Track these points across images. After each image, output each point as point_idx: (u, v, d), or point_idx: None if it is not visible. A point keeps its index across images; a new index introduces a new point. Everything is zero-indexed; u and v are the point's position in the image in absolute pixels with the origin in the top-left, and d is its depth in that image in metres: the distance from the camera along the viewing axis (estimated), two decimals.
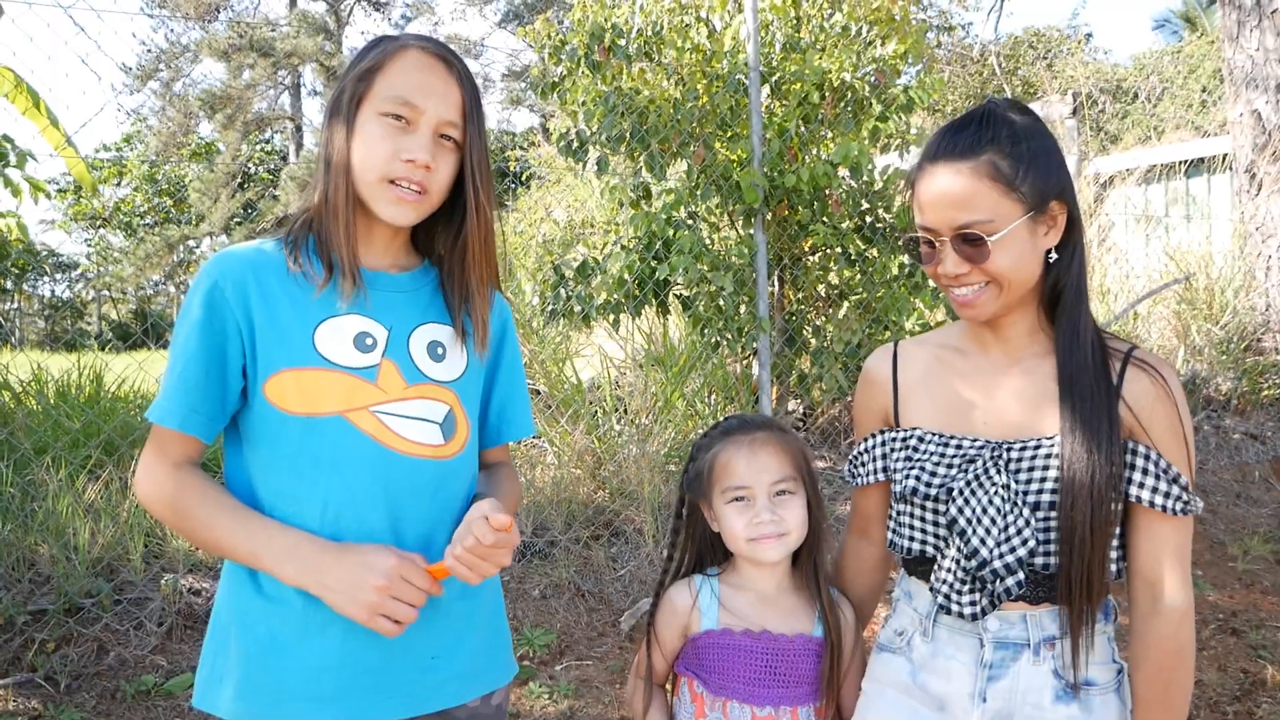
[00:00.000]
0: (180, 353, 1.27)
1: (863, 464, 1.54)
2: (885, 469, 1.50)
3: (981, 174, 1.31)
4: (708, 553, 1.63)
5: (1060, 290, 1.38)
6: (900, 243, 3.43)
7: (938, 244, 1.36)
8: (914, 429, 1.47)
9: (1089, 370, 1.34)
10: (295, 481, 1.27)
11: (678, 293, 4.88)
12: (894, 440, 1.49)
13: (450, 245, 1.40)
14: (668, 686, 1.67)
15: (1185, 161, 8.36)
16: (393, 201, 1.28)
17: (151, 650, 3.19)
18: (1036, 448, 1.35)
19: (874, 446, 1.52)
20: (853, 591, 1.64)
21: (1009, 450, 1.37)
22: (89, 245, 29.83)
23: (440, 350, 1.37)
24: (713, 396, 5.10)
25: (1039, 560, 1.33)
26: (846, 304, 5.06)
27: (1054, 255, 1.36)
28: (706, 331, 4.77)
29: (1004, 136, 1.32)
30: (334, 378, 1.28)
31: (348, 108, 1.29)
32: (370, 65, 1.29)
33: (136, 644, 3.20)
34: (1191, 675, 1.35)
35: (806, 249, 4.96)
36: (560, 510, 4.22)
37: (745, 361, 5.09)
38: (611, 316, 4.67)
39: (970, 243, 1.32)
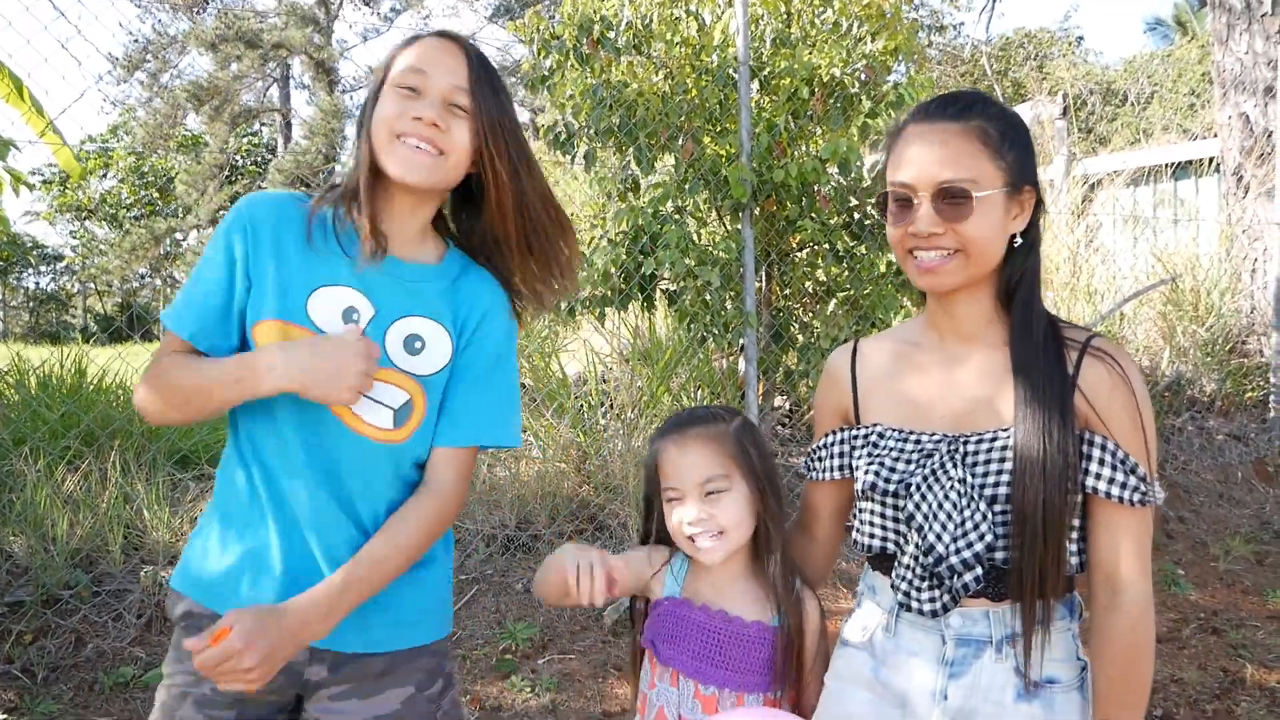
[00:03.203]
0: (201, 275, 1.37)
1: (819, 459, 1.54)
2: (843, 466, 1.49)
3: (972, 135, 1.33)
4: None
5: (1017, 279, 1.38)
6: (873, 200, 3.35)
7: (916, 200, 1.34)
8: (875, 425, 1.46)
9: (1040, 357, 1.33)
10: (261, 427, 1.36)
11: (664, 287, 4.86)
12: (855, 438, 1.48)
13: (477, 223, 1.46)
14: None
15: (1173, 164, 8.39)
16: (404, 159, 1.33)
17: (130, 642, 3.16)
18: (993, 440, 1.34)
19: (833, 444, 1.51)
20: None
21: (965, 444, 1.36)
22: (74, 237, 29.60)
23: (419, 344, 1.40)
24: (699, 392, 5.09)
25: (999, 555, 1.32)
26: (834, 300, 5.05)
27: (1019, 240, 1.37)
28: (693, 326, 4.75)
29: (994, 112, 1.35)
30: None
31: (373, 92, 1.39)
32: (392, 55, 1.40)
33: (115, 636, 3.16)
34: (1150, 669, 1.33)
35: (794, 245, 4.95)
36: (544, 504, 4.21)
37: (732, 357, 5.08)
38: (598, 311, 4.65)
39: (952, 199, 1.31)
